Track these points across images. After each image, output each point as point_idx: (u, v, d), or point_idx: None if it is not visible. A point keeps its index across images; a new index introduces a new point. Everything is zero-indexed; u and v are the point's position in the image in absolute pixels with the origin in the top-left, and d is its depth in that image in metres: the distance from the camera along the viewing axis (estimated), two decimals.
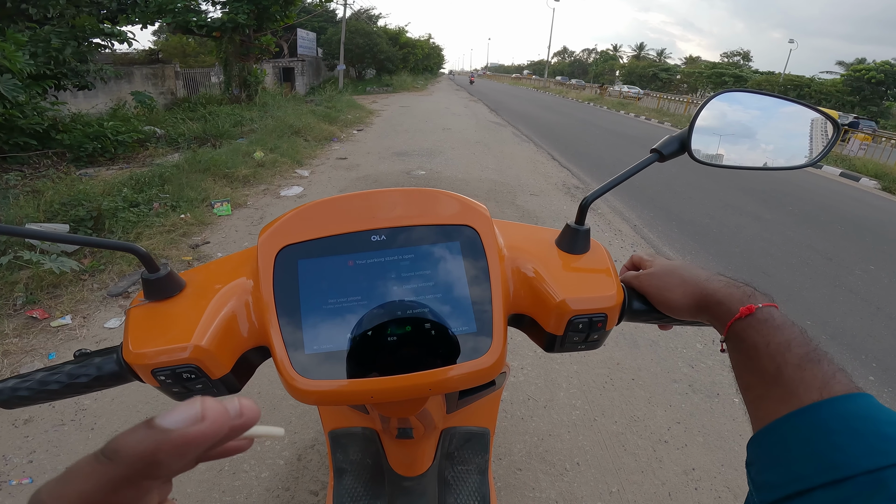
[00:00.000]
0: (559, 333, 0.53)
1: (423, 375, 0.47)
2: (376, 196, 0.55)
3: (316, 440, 1.81)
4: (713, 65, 49.20)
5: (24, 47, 4.52)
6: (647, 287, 0.57)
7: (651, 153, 0.58)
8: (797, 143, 0.64)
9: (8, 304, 2.52)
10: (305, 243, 0.50)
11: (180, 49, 17.59)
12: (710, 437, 1.97)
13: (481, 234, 0.52)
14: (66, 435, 1.79)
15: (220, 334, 0.48)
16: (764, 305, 0.44)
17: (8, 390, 0.50)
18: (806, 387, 0.37)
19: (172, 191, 4.18)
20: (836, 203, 6.66)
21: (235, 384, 0.51)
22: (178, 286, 0.52)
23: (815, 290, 3.60)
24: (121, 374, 0.50)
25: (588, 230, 0.58)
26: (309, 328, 0.47)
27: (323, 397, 0.47)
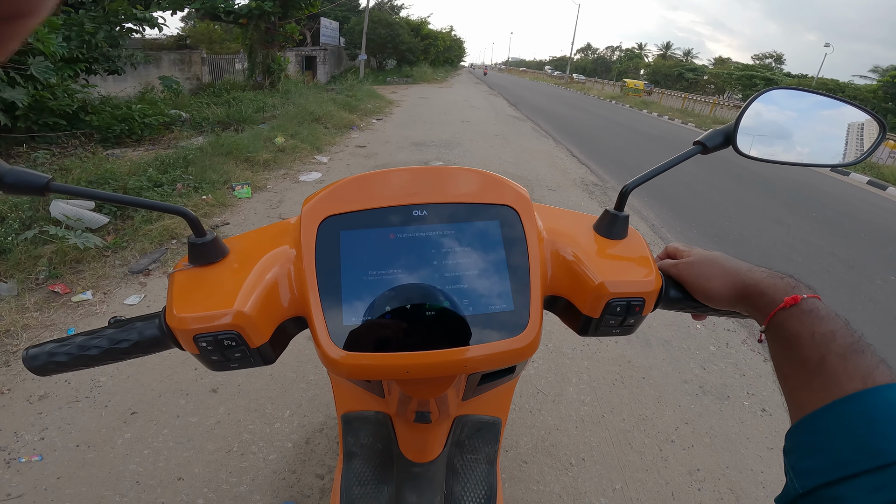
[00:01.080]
0: (595, 316, 0.53)
1: (459, 352, 0.47)
2: (420, 172, 0.55)
3: (325, 424, 1.83)
4: (744, 66, 47.87)
5: (58, 31, 4.60)
6: (685, 276, 0.57)
7: (694, 145, 0.58)
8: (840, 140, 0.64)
9: (31, 277, 2.57)
10: (348, 214, 0.51)
11: (207, 35, 17.78)
12: (717, 438, 1.96)
13: (521, 215, 0.53)
14: (80, 412, 1.80)
15: (261, 302, 0.48)
16: (809, 296, 0.45)
17: (45, 355, 0.50)
18: (849, 376, 0.37)
19: (195, 173, 4.26)
20: (862, 211, 6.49)
21: (272, 354, 0.52)
22: (222, 252, 0.52)
23: (834, 297, 3.53)
24: (161, 339, 0.50)
25: (627, 216, 0.58)
26: (348, 299, 0.47)
27: (358, 370, 0.47)
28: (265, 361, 0.51)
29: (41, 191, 0.42)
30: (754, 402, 2.19)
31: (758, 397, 2.23)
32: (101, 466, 1.59)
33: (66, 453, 1.63)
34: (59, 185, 0.43)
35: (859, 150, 0.63)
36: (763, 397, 2.23)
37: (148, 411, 1.84)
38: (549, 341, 2.45)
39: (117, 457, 1.63)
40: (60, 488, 1.51)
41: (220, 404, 1.89)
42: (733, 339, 2.68)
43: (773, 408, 2.17)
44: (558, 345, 2.43)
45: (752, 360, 2.52)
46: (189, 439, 1.73)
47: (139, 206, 0.49)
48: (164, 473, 1.59)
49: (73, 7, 5.44)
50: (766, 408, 2.16)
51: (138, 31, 6.51)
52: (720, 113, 18.82)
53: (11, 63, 4.10)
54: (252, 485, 1.58)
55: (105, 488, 1.52)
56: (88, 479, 1.55)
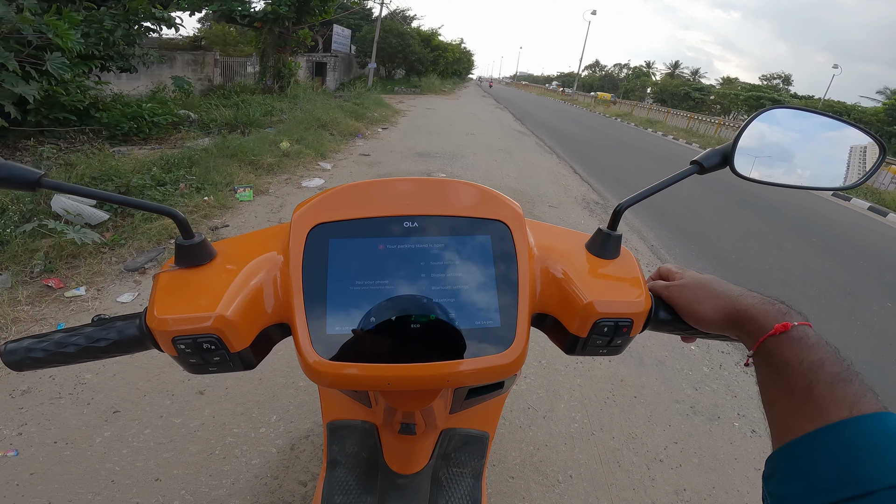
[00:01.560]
0: (583, 335, 0.53)
1: (442, 366, 0.47)
2: (412, 183, 0.55)
3: (311, 431, 1.81)
4: (751, 87, 48.03)
5: (78, 27, 4.64)
6: (676, 298, 0.57)
7: (691, 164, 0.58)
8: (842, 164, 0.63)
9: (26, 270, 2.57)
10: (338, 223, 0.51)
11: (222, 38, 18.01)
12: (705, 458, 1.95)
13: (513, 231, 0.53)
14: (62, 409, 1.79)
15: (244, 306, 0.48)
16: (799, 324, 0.45)
17: (22, 350, 0.49)
18: (836, 404, 0.37)
19: (199, 173, 4.29)
20: (862, 237, 6.48)
21: (252, 360, 0.51)
22: (209, 255, 0.52)
23: (829, 322, 3.54)
24: (140, 339, 0.50)
25: (620, 236, 0.58)
26: (333, 308, 0.47)
27: (339, 379, 0.47)
28: (245, 366, 0.51)
29: (33, 186, 0.43)
30: (744, 424, 2.19)
31: (748, 419, 2.23)
32: (76, 464, 1.58)
33: (43, 449, 1.61)
34: (50, 182, 0.44)
35: (859, 172, 0.62)
36: (753, 419, 2.23)
37: (131, 410, 1.82)
38: (542, 357, 2.44)
39: (95, 455, 1.62)
40: (33, 484, 1.49)
41: (206, 406, 1.88)
42: (727, 360, 2.68)
43: (762, 429, 2.16)
44: (551, 361, 2.42)
45: (745, 381, 2.52)
46: (171, 440, 1.71)
47: (129, 205, 0.49)
48: (141, 473, 1.57)
49: (95, 4, 5.50)
50: (756, 429, 2.16)
51: (156, 31, 6.59)
52: (725, 133, 18.89)
53: (28, 58, 4.14)
54: (232, 489, 1.56)
55: (79, 486, 1.50)
56: (62, 476, 1.53)
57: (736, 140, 0.58)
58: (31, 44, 4.10)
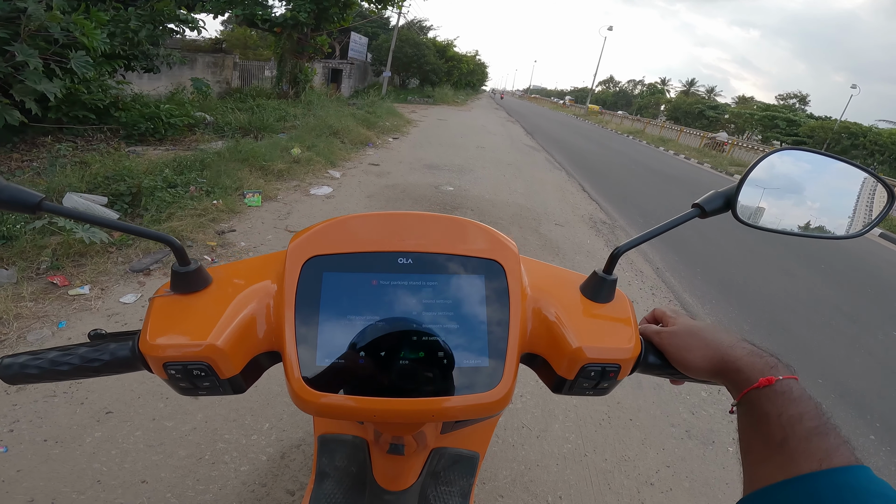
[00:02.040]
0: (570, 378, 0.54)
1: (427, 402, 0.48)
2: (409, 218, 0.56)
3: (303, 441, 1.81)
4: (766, 106, 47.71)
5: (104, 26, 4.72)
6: (666, 345, 0.57)
7: (692, 208, 0.58)
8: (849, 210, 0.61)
9: (32, 266, 2.60)
10: (333, 256, 0.51)
11: (242, 41, 18.33)
12: (696, 483, 1.94)
13: (507, 272, 0.53)
14: (55, 407, 1.80)
15: (236, 335, 0.49)
16: (784, 378, 0.46)
17: (17, 366, 0.51)
18: (807, 457, 0.38)
19: (210, 176, 4.35)
20: (871, 265, 6.40)
21: (242, 385, 0.52)
22: (205, 282, 0.53)
23: (832, 349, 3.50)
24: (132, 362, 0.51)
25: (615, 280, 0.58)
26: (324, 340, 0.48)
27: (326, 409, 0.48)
28: (235, 391, 0.52)
29: (33, 209, 0.44)
30: (738, 449, 2.16)
31: None
32: (64, 463, 1.59)
33: (32, 447, 1.63)
34: (50, 206, 0.45)
35: (866, 220, 0.61)
36: None
37: (124, 412, 1.83)
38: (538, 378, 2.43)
39: (83, 455, 1.63)
40: (18, 481, 1.50)
41: (199, 411, 1.89)
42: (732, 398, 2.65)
43: None
44: None
45: None
46: (161, 443, 1.72)
47: (128, 231, 0.51)
48: (128, 475, 1.58)
49: (122, 4, 5.63)
50: None
51: (179, 32, 6.71)
52: (738, 154, 18.80)
53: (53, 55, 4.21)
54: (219, 494, 1.56)
55: (64, 485, 1.51)
56: (49, 474, 1.54)
57: (740, 184, 0.57)
58: (57, 42, 4.17)
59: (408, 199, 5.31)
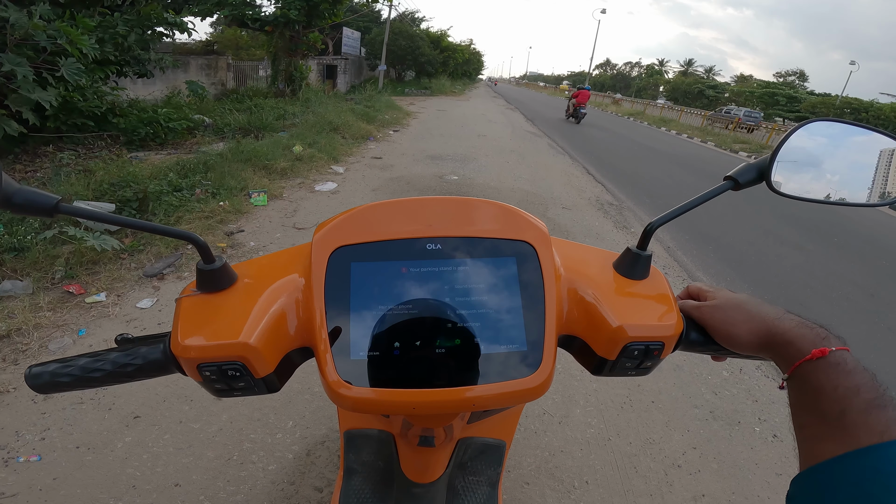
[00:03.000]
0: (611, 358, 0.52)
1: (467, 390, 0.47)
2: (434, 203, 0.54)
3: (327, 437, 1.82)
4: (766, 84, 47.38)
5: (92, 32, 4.69)
6: (709, 319, 0.55)
7: (725, 180, 0.56)
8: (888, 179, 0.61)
9: (47, 276, 2.60)
10: (360, 245, 0.50)
11: (234, 42, 18.26)
12: (724, 464, 1.92)
13: (538, 252, 0.52)
14: (83, 414, 1.81)
15: (268, 332, 0.47)
16: (837, 349, 0.44)
17: (47, 374, 0.49)
18: (867, 430, 0.37)
19: (214, 178, 4.35)
20: (885, 238, 6.32)
21: (276, 384, 0.51)
22: (231, 279, 0.51)
23: (852, 325, 3.45)
24: (165, 365, 0.50)
25: (650, 256, 0.56)
26: (356, 333, 0.47)
27: (364, 404, 0.46)
28: (270, 390, 0.51)
29: (50, 212, 0.42)
30: (765, 428, 2.15)
31: (769, 423, 2.18)
32: (98, 469, 1.60)
33: (65, 454, 1.64)
34: (67, 207, 0.43)
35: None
36: (774, 423, 2.18)
37: (151, 416, 1.85)
38: (558, 363, 2.41)
39: (116, 460, 1.64)
40: (55, 489, 1.51)
41: (224, 412, 1.90)
42: (747, 364, 2.63)
43: (784, 434, 2.12)
44: (567, 366, 2.40)
45: (766, 386, 2.47)
46: (189, 445, 1.73)
47: (151, 230, 0.49)
48: (161, 478, 1.59)
49: (108, 9, 5.59)
50: (778, 434, 2.11)
51: (169, 36, 6.68)
52: (742, 133, 18.62)
53: (44, 64, 4.20)
54: (249, 494, 1.57)
55: (100, 491, 1.53)
56: (84, 481, 1.55)
57: (774, 154, 0.55)
58: (45, 50, 4.15)
59: (413, 191, 5.29)
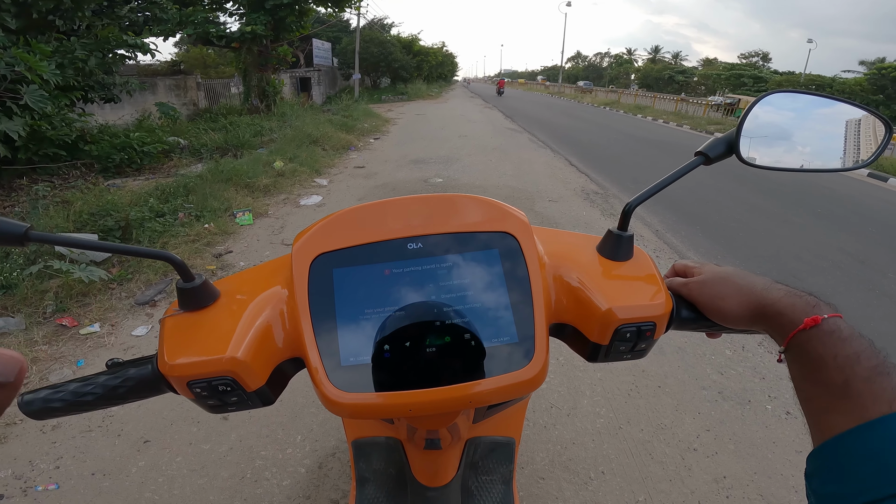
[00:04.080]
0: (604, 343, 0.51)
1: (463, 388, 0.46)
2: (412, 202, 0.54)
3: (337, 448, 1.81)
4: (731, 66, 48.41)
5: (50, 58, 4.57)
6: (697, 295, 0.54)
7: (696, 156, 0.56)
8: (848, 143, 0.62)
9: (38, 312, 2.59)
10: (340, 251, 0.49)
11: (201, 60, 18.02)
12: (741, 444, 1.92)
13: (521, 242, 0.51)
14: (93, 441, 1.82)
15: (255, 345, 0.47)
16: (830, 316, 0.42)
17: (39, 401, 0.49)
18: (875, 399, 0.36)
19: (196, 201, 4.27)
20: (866, 204, 6.48)
21: (270, 396, 0.50)
22: (213, 296, 0.51)
23: (848, 294, 3.50)
24: (155, 385, 0.49)
25: (632, 236, 0.56)
26: (345, 339, 0.46)
27: (360, 410, 0.46)
28: (264, 403, 0.50)
29: (20, 240, 0.40)
30: (777, 406, 2.16)
31: (780, 400, 2.19)
32: (117, 494, 1.60)
33: (82, 482, 1.65)
34: (38, 234, 0.41)
35: (867, 151, 0.61)
36: (786, 400, 2.19)
37: (160, 439, 1.85)
38: (560, 355, 2.42)
39: (133, 485, 1.64)
40: None
41: (232, 431, 1.89)
42: (749, 342, 2.65)
43: (797, 411, 2.13)
44: (569, 357, 2.40)
45: (771, 362, 2.48)
46: (202, 466, 1.73)
47: (123, 252, 0.47)
48: (179, 501, 1.59)
49: (65, 34, 5.47)
50: (791, 410, 2.12)
51: (131, 58, 6.54)
52: (714, 114, 18.95)
53: (7, 93, 4.08)
54: None
55: None
56: None
57: (739, 127, 0.56)
58: (6, 78, 4.04)
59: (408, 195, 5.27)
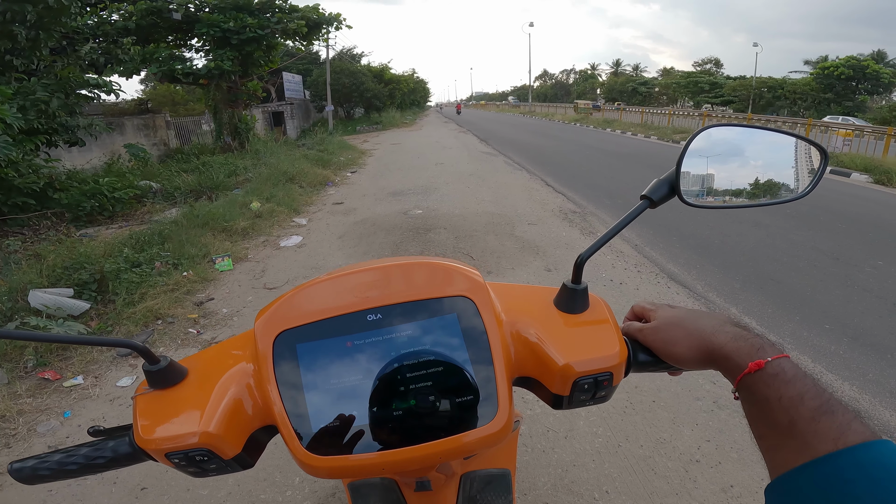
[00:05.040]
0: (565, 394, 0.54)
1: (431, 446, 0.48)
2: (368, 273, 0.56)
3: (336, 488, 1.80)
4: (687, 74, 50.37)
5: (11, 101, 4.48)
6: (651, 341, 0.56)
7: (641, 199, 0.58)
8: (787, 173, 0.64)
9: (19, 366, 2.60)
10: (302, 327, 0.51)
11: (169, 97, 17.85)
12: (744, 452, 1.93)
13: (477, 303, 0.53)
14: (90, 490, 1.82)
15: (227, 418, 0.49)
16: (773, 359, 0.44)
17: (28, 469, 0.52)
18: (820, 438, 0.37)
19: (173, 248, 4.18)
20: (832, 201, 6.70)
21: (248, 461, 0.52)
22: (181, 374, 0.53)
23: (828, 291, 3.59)
24: (135, 455, 0.52)
25: (585, 288, 0.58)
26: (314, 408, 0.48)
27: (335, 472, 0.48)
28: (243, 467, 0.52)
29: None
30: None
31: None
32: None
33: None
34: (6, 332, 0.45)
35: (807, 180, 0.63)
36: None
37: (157, 486, 1.83)
38: None
39: None
40: None
41: (229, 476, 1.84)
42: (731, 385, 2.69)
43: None
44: None
45: None
46: None
47: (86, 343, 0.50)
48: None
49: (25, 74, 5.38)
50: None
51: (94, 98, 6.41)
52: (678, 122, 19.63)
53: None
54: None
55: None
56: None
57: (678, 167, 0.58)
58: None
59: (380, 232, 5.24)
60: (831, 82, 32.86)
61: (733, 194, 0.64)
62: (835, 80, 32.53)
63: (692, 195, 0.61)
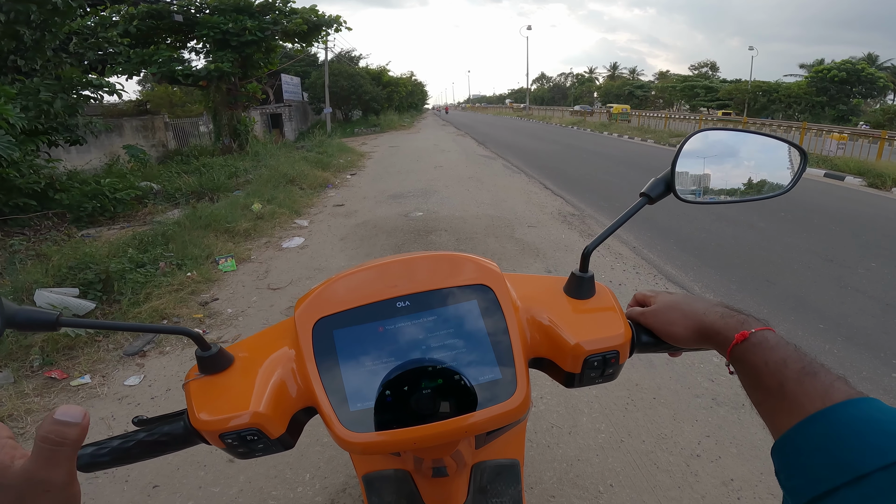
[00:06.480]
0: (577, 371, 0.59)
1: (457, 421, 0.52)
2: (396, 264, 0.61)
3: (347, 484, 1.83)
4: (684, 78, 50.59)
5: (14, 100, 4.51)
6: (652, 323, 0.62)
7: (640, 197, 0.64)
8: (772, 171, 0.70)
9: (25, 365, 2.61)
10: (338, 314, 0.56)
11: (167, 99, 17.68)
12: (743, 447, 1.98)
13: (496, 291, 0.58)
14: (101, 488, 1.83)
15: (273, 399, 0.54)
16: (757, 330, 0.49)
17: (87, 457, 0.56)
18: (808, 398, 0.40)
19: (176, 249, 4.20)
20: (826, 204, 6.78)
21: (290, 441, 0.57)
22: (228, 361, 0.58)
23: (821, 292, 3.64)
24: (188, 438, 0.56)
25: (592, 276, 0.63)
26: (351, 388, 0.53)
27: (370, 447, 0.52)
28: (285, 447, 0.57)
29: (53, 326, 0.46)
30: None
31: None
32: None
33: None
34: (68, 320, 0.47)
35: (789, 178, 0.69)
36: None
37: (169, 484, 1.84)
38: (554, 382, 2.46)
39: None
40: None
41: (240, 473, 1.89)
42: None
43: None
44: None
45: None
46: None
47: (145, 330, 0.55)
48: None
49: (26, 75, 5.37)
50: None
51: (95, 98, 6.43)
52: (674, 126, 19.74)
53: None
54: None
55: None
56: None
57: (673, 167, 0.63)
58: None
59: (381, 234, 5.26)
60: (825, 85, 32.81)
61: (723, 192, 0.70)
62: (829, 83, 32.53)
63: (686, 192, 0.67)
